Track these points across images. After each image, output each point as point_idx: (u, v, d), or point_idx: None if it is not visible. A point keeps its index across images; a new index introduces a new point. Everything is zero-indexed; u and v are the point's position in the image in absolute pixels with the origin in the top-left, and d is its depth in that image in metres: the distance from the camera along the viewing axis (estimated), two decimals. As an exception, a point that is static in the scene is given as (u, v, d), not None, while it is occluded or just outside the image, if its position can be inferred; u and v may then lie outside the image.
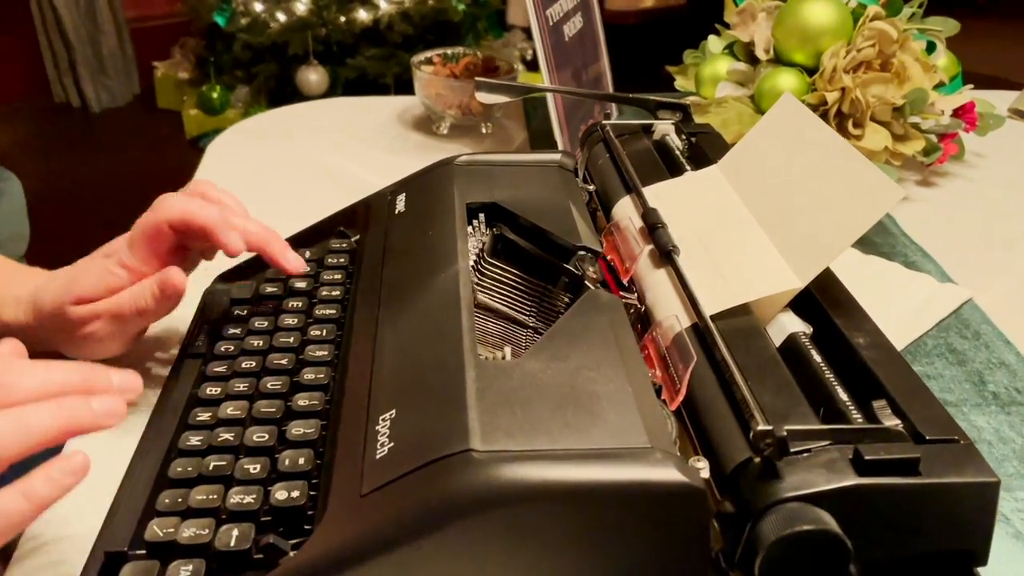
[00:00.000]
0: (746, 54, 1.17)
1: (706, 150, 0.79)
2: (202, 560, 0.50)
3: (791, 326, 0.59)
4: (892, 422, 0.49)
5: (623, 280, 0.66)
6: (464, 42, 2.93)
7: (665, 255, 0.63)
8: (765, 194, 0.67)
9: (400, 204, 0.76)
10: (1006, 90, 1.46)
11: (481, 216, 0.73)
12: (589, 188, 0.80)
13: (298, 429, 0.58)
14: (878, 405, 0.50)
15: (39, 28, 3.43)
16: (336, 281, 0.73)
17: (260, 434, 0.58)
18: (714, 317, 0.57)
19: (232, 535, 0.51)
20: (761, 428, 0.46)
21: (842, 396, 0.52)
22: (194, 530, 0.51)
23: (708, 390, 0.53)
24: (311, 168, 1.19)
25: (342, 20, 2.85)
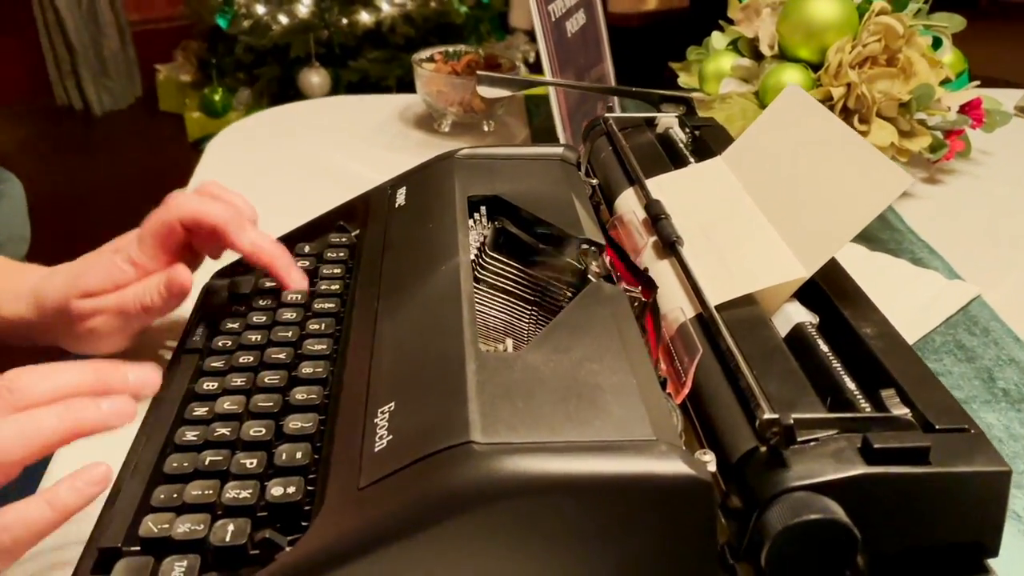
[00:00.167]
0: (750, 50, 1.16)
1: (710, 143, 0.78)
2: (197, 556, 0.49)
3: (797, 316, 0.58)
4: (901, 411, 0.48)
5: (638, 266, 0.65)
6: (466, 44, 2.92)
7: (669, 246, 0.62)
8: (770, 184, 0.66)
9: (400, 198, 0.75)
10: (1012, 88, 1.45)
11: (482, 209, 0.72)
12: (592, 182, 0.79)
13: (295, 423, 0.57)
14: (886, 394, 0.49)
15: (41, 30, 3.44)
16: (335, 275, 0.72)
17: (257, 429, 0.57)
18: (719, 307, 0.56)
19: (228, 530, 0.50)
20: (767, 416, 0.45)
21: (850, 385, 0.51)
22: (189, 526, 0.51)
23: (713, 380, 0.52)
24: (311, 166, 1.18)
25: (344, 22, 2.84)
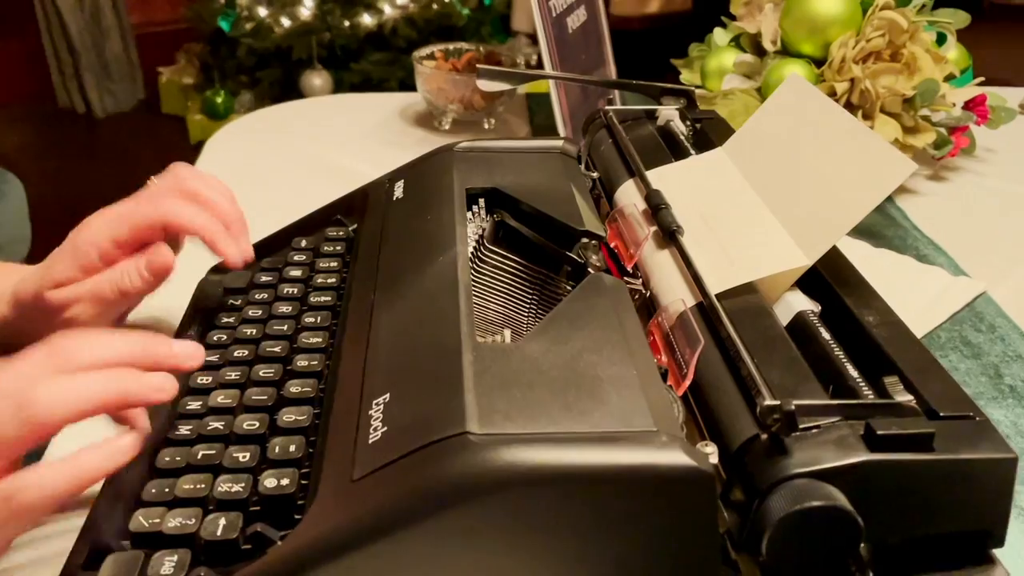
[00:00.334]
0: (753, 46, 1.15)
1: (711, 135, 0.77)
2: (187, 550, 0.48)
3: (798, 304, 0.57)
4: (905, 398, 0.47)
5: (627, 267, 0.64)
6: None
7: (669, 235, 0.61)
8: (771, 173, 0.65)
9: (398, 190, 0.75)
10: (1016, 87, 1.44)
11: (481, 202, 0.71)
12: (592, 175, 0.78)
13: (289, 416, 0.56)
14: (889, 381, 0.48)
15: (44, 33, 3.44)
16: (332, 269, 0.72)
17: (251, 422, 0.57)
18: (719, 296, 0.55)
19: (219, 524, 0.49)
20: (768, 403, 0.44)
21: (852, 373, 0.50)
22: (180, 520, 0.50)
23: (713, 369, 0.51)
24: (311, 164, 1.17)
25: (346, 25, 2.84)
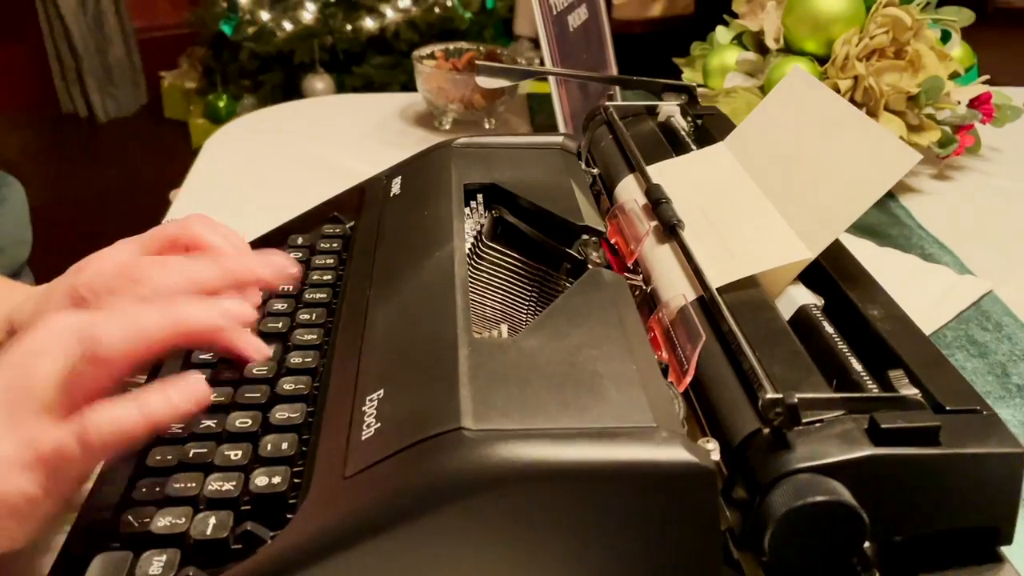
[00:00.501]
0: (755, 44, 1.14)
1: (712, 131, 0.76)
2: (177, 550, 0.47)
3: (801, 298, 0.56)
4: (910, 391, 0.46)
5: (628, 263, 0.63)
6: (468, 44, 2.93)
7: (670, 229, 0.60)
8: (773, 167, 0.64)
9: (396, 187, 0.74)
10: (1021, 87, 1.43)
11: (479, 197, 0.70)
12: (592, 171, 0.77)
13: (282, 413, 0.55)
14: (895, 375, 0.47)
15: (47, 37, 3.45)
16: (328, 266, 0.71)
17: (243, 420, 0.55)
18: (720, 290, 0.54)
19: (209, 523, 0.48)
20: (770, 397, 0.43)
21: (856, 367, 0.49)
22: (169, 519, 0.49)
23: (714, 364, 0.50)
24: (311, 163, 1.17)
25: (348, 28, 2.84)
